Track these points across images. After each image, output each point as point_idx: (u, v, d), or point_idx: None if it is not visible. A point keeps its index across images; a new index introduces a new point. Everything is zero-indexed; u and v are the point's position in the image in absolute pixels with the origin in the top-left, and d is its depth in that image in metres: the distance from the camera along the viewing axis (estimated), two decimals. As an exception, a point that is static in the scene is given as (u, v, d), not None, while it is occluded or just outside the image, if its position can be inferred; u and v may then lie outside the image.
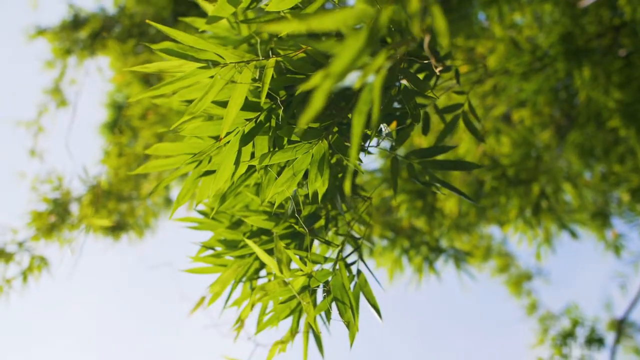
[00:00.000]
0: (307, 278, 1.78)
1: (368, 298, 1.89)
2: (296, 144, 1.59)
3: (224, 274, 2.03)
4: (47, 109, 6.86)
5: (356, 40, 0.78)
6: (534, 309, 8.33)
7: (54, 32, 6.98)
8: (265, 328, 1.92)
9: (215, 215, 2.09)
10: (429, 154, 1.88)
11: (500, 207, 5.72)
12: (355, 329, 1.83)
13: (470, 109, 2.18)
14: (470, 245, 7.53)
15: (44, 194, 5.66)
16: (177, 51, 1.49)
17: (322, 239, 1.93)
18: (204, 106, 1.54)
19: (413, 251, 5.72)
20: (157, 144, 1.77)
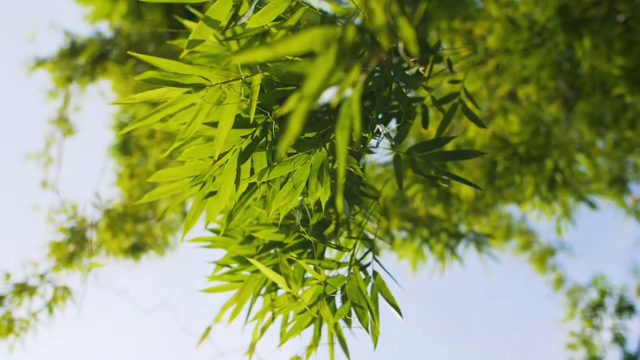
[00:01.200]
0: (322, 286, 1.78)
1: (387, 298, 1.88)
2: (294, 156, 1.59)
3: (241, 290, 2.04)
4: (55, 139, 6.90)
5: (326, 60, 0.78)
6: (560, 284, 8.30)
7: (53, 61, 7.01)
8: (289, 339, 1.92)
9: (227, 231, 2.10)
10: (431, 147, 1.87)
11: (515, 186, 5.70)
12: (377, 332, 1.83)
13: (467, 96, 2.17)
14: (490, 227, 7.50)
15: (60, 224, 5.69)
16: (161, 79, 1.49)
17: (333, 245, 1.92)
18: (194, 130, 1.54)
19: (433, 239, 5.71)
20: (159, 171, 1.77)
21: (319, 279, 1.78)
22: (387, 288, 1.90)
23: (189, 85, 1.51)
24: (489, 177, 5.78)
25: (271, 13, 1.56)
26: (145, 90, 1.52)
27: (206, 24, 1.56)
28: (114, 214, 5.88)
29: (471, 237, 5.74)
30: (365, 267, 1.91)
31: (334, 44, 0.79)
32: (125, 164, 6.90)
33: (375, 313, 1.84)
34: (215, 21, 1.57)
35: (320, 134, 1.62)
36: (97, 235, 5.78)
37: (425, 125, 2.05)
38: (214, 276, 2.07)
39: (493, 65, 5.86)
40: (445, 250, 5.69)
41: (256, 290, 2.03)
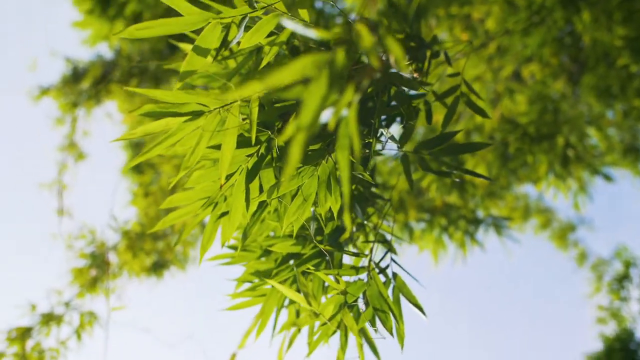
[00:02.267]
0: (342, 295, 1.78)
1: (409, 299, 1.88)
2: (301, 169, 1.59)
3: (265, 304, 2.04)
4: (66, 165, 6.92)
5: (318, 86, 0.78)
6: (584, 259, 8.27)
7: (57, 89, 7.03)
8: (316, 347, 1.92)
9: (245, 246, 2.10)
10: (438, 143, 1.87)
11: (529, 165, 5.69)
12: (402, 333, 1.83)
13: (468, 88, 2.17)
14: (508, 209, 7.49)
15: (80, 250, 5.72)
16: (159, 112, 1.50)
17: (350, 252, 1.92)
18: (198, 157, 1.55)
19: (452, 228, 5.71)
20: (170, 197, 1.78)
21: (339, 288, 1.78)
22: (409, 288, 1.89)
23: (187, 114, 1.51)
24: (502, 159, 5.77)
25: (262, 31, 1.57)
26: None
27: (196, 53, 1.57)
28: (132, 234, 5.90)
29: (490, 222, 5.73)
30: (384, 270, 1.91)
31: (325, 69, 0.80)
32: (139, 183, 6.92)
33: (398, 316, 1.84)
34: (205, 50, 1.58)
35: (324, 144, 1.62)
36: (117, 257, 5.80)
37: (430, 121, 2.04)
38: (236, 294, 2.07)
39: (494, 47, 5.85)
40: (465, 237, 5.69)
41: (279, 303, 2.03)
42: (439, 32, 5.84)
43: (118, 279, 5.69)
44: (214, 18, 1.55)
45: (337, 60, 0.81)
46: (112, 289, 5.53)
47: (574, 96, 6.07)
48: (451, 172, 1.84)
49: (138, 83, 6.93)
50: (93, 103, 7.05)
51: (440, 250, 5.83)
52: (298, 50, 1.81)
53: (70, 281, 5.53)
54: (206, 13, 1.54)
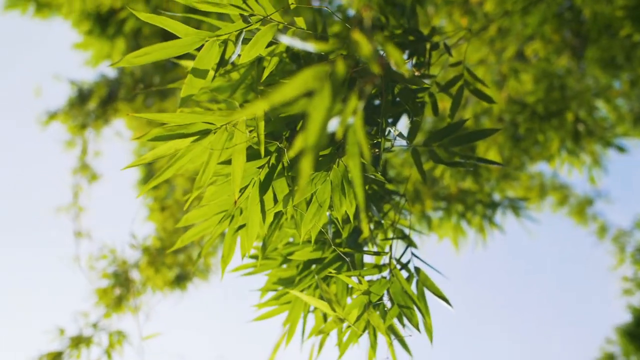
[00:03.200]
0: (366, 295, 1.78)
1: (433, 291, 1.88)
2: (313, 175, 1.60)
3: (291, 311, 2.05)
4: (81, 187, 6.94)
5: (322, 98, 0.79)
6: (604, 232, 8.24)
7: (64, 112, 7.05)
8: (347, 348, 1.93)
9: (266, 254, 2.11)
10: (446, 134, 1.87)
11: (540, 144, 5.67)
12: (429, 327, 1.83)
13: (471, 75, 2.17)
14: (523, 189, 7.46)
15: (102, 270, 5.74)
16: (166, 135, 1.51)
17: (370, 252, 1.93)
18: (209, 176, 1.56)
19: (469, 213, 5.69)
20: (186, 215, 1.79)
21: (361, 289, 1.78)
22: (432, 281, 1.90)
23: (195, 134, 1.52)
24: (513, 140, 5.76)
25: (259, 44, 1.57)
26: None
27: (195, 75, 1.58)
28: (152, 250, 5.92)
29: (507, 204, 5.71)
30: (406, 265, 1.92)
31: (327, 81, 0.80)
32: (154, 198, 6.93)
33: (424, 310, 1.85)
34: (204, 70, 1.58)
35: (334, 149, 1.63)
36: (140, 274, 5.82)
37: (436, 112, 2.05)
38: (261, 303, 2.08)
39: (495, 29, 5.83)
40: (484, 222, 5.67)
41: (305, 308, 2.04)
42: (438, 19, 5.83)
43: (143, 295, 5.72)
44: (211, 36, 1.55)
45: (337, 71, 0.82)
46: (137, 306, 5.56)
47: (579, 70, 6.04)
48: (463, 163, 1.84)
49: (144, 99, 6.95)
50: (101, 123, 7.08)
51: (460, 236, 5.82)
52: (299, 58, 1.82)
53: (95, 302, 5.56)
54: (203, 32, 1.55)
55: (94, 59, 7.08)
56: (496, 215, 5.68)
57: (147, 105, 6.94)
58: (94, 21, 6.61)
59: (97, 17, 6.60)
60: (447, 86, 2.14)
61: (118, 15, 6.60)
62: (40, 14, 6.71)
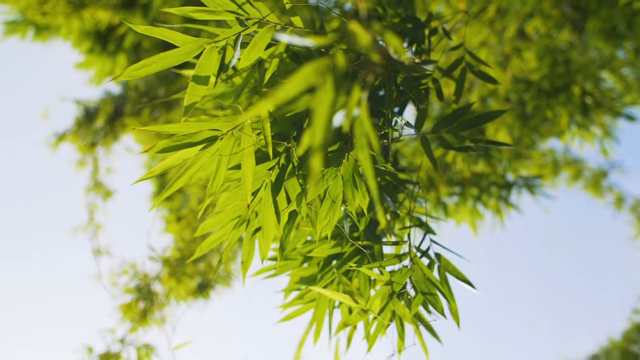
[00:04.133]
0: (389, 286, 1.78)
1: (455, 275, 1.88)
2: (324, 171, 1.60)
3: (316, 308, 2.05)
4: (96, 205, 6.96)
5: (325, 93, 0.79)
6: (621, 202, 8.19)
7: (72, 132, 7.07)
8: (376, 340, 1.93)
9: (286, 255, 2.11)
10: (454, 119, 1.87)
11: (549, 120, 5.66)
12: (455, 312, 1.83)
13: (472, 57, 2.17)
14: (537, 167, 7.44)
15: (124, 285, 5.76)
16: (173, 146, 1.51)
17: (389, 242, 1.93)
18: (219, 182, 1.57)
19: (485, 196, 5.69)
20: (202, 224, 1.80)
21: (383, 280, 1.78)
22: (454, 266, 1.90)
23: (202, 142, 1.52)
24: (522, 119, 5.75)
25: (258, 46, 1.57)
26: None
27: (197, 82, 1.58)
28: (172, 261, 5.94)
29: (521, 183, 5.70)
30: (426, 252, 1.92)
31: (329, 75, 0.80)
32: (169, 209, 6.94)
33: (449, 295, 1.85)
34: (204, 77, 1.58)
35: (342, 143, 1.63)
36: (162, 286, 5.84)
37: (441, 98, 2.05)
38: (286, 304, 2.08)
39: (494, 10, 5.81)
40: (500, 203, 5.67)
41: (330, 305, 2.04)
42: (436, 5, 5.82)
43: (167, 307, 5.73)
44: (209, 43, 1.56)
45: (338, 64, 0.82)
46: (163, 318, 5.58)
47: (581, 43, 6.02)
48: (474, 146, 1.84)
49: (150, 112, 6.97)
50: (111, 139, 7.09)
51: (477, 220, 5.82)
52: (299, 57, 1.82)
53: (121, 318, 5.58)
54: (200, 40, 1.55)
55: (97, 77, 7.10)
56: (511, 196, 5.67)
57: (154, 118, 6.96)
58: (94, 39, 6.63)
59: (97, 35, 6.62)
60: (450, 70, 2.14)
61: (117, 31, 6.61)
62: (39, 37, 6.73)
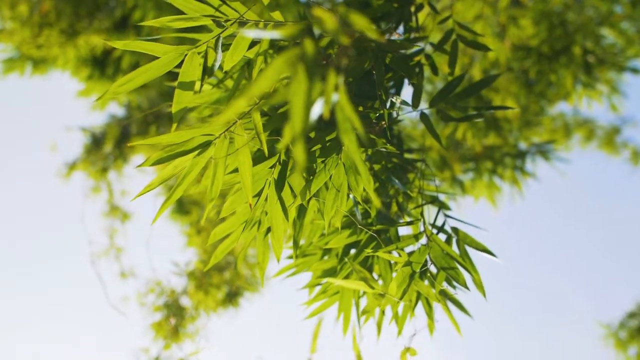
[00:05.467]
0: (408, 267, 1.77)
1: (475, 246, 1.87)
2: (324, 160, 1.59)
3: (341, 300, 2.04)
4: (115, 229, 7.00)
5: (299, 83, 0.78)
6: (637, 157, 8.13)
7: (82, 160, 7.10)
8: (404, 322, 1.92)
9: (304, 250, 2.11)
10: (450, 91, 1.86)
11: (554, 84, 5.63)
12: (479, 283, 1.82)
13: (462, 28, 2.16)
14: (548, 133, 7.40)
15: (153, 304, 5.78)
16: (167, 157, 1.51)
17: (403, 223, 1.92)
18: (218, 187, 1.56)
19: (499, 168, 5.67)
20: (214, 230, 1.79)
21: (401, 262, 1.77)
22: (472, 238, 1.89)
23: (195, 148, 1.52)
24: (526, 87, 5.72)
25: (241, 46, 1.57)
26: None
27: (182, 89, 1.57)
28: (197, 274, 5.95)
29: (534, 150, 5.69)
30: (442, 228, 1.91)
31: (300, 64, 0.79)
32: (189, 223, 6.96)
33: (470, 267, 1.84)
34: (189, 83, 1.58)
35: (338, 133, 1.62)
36: (190, 300, 5.86)
37: (436, 72, 2.04)
38: (310, 300, 2.08)
39: (484, -19, 5.78)
40: (515, 173, 5.65)
41: (356, 294, 2.03)
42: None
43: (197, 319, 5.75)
44: (189, 49, 1.55)
45: (307, 51, 0.81)
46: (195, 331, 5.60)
47: (577, 3, 5.98)
48: (475, 115, 1.83)
49: (157, 129, 6.98)
50: (121, 162, 7.12)
51: (495, 193, 5.80)
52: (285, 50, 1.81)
53: (153, 336, 5.60)
54: (181, 47, 1.54)
55: (99, 102, 7.12)
56: (526, 164, 5.66)
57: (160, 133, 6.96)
58: (91, 65, 6.64)
59: (94, 61, 6.63)
60: (441, 44, 2.13)
61: (113, 54, 6.62)
62: (38, 70, 6.74)
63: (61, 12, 6.02)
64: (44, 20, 5.99)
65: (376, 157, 1.92)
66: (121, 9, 6.20)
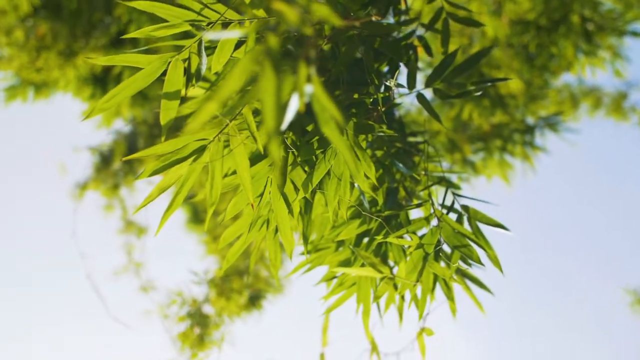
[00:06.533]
0: (421, 249, 1.76)
1: (486, 222, 1.86)
2: (324, 150, 1.58)
3: (359, 290, 2.04)
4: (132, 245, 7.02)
5: (267, 79, 0.77)
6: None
7: (93, 179, 7.13)
8: (425, 306, 1.91)
9: (317, 245, 2.10)
10: (444, 69, 1.85)
11: (556, 56, 5.61)
12: (494, 258, 1.81)
13: (451, 5, 2.15)
14: (555, 105, 7.36)
15: (176, 315, 5.79)
16: (163, 166, 1.50)
17: (412, 206, 1.91)
18: (217, 191, 1.55)
19: (509, 145, 5.66)
20: (224, 234, 1.79)
21: (414, 244, 1.76)
22: (483, 214, 1.88)
23: (190, 155, 1.51)
24: (528, 61, 5.70)
25: (226, 48, 1.55)
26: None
27: (167, 99, 1.55)
28: (217, 280, 5.96)
29: (542, 124, 5.67)
30: (452, 207, 1.90)
31: (266, 60, 0.78)
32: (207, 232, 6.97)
33: (484, 243, 1.82)
34: (175, 92, 1.56)
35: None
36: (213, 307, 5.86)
37: (430, 53, 2.03)
38: (327, 295, 2.07)
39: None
40: (526, 149, 5.63)
41: (373, 283, 2.02)
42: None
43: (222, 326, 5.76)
44: (172, 56, 1.54)
45: (271, 46, 0.80)
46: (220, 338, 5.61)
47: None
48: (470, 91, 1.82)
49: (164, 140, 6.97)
50: (131, 178, 7.14)
51: (507, 170, 5.78)
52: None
53: (180, 347, 5.61)
54: (164, 55, 1.53)
55: (105, 120, 7.12)
56: (536, 139, 5.64)
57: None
58: (93, 84, 6.64)
59: (94, 80, 6.63)
60: (432, 23, 2.11)
61: (113, 71, 6.63)
62: (40, 95, 6.74)
63: (57, 34, 6.03)
64: (41, 44, 6.00)
65: (378, 143, 1.91)
66: (116, 25, 6.21)
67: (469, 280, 1.95)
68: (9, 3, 5.68)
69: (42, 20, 5.92)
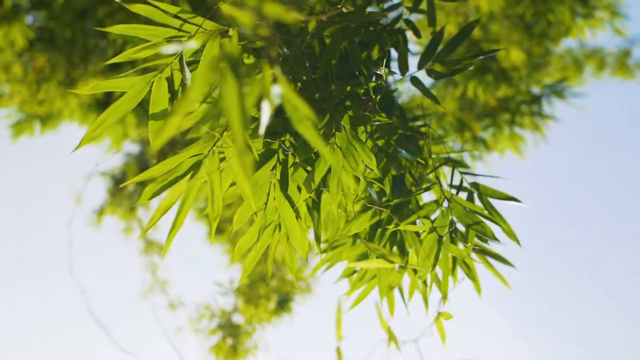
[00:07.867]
0: (434, 233, 1.75)
1: (497, 196, 1.85)
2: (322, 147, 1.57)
3: (379, 282, 2.03)
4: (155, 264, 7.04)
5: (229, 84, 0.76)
6: (657, 75, 8.00)
7: (108, 204, 7.16)
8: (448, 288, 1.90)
9: (333, 242, 2.10)
10: (434, 48, 1.84)
11: (553, 23, 5.58)
12: (510, 231, 1.80)
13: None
14: (559, 71, 7.32)
15: (207, 328, 5.80)
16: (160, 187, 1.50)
17: (421, 190, 1.90)
18: (219, 204, 1.54)
19: (518, 117, 5.63)
20: (238, 243, 1.78)
21: (426, 229, 1.75)
22: (493, 189, 1.87)
23: (187, 172, 1.50)
24: (527, 31, 5.67)
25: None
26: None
27: (155, 119, 1.54)
28: (244, 289, 5.96)
29: (548, 92, 5.64)
30: (460, 185, 1.89)
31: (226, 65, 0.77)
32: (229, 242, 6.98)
33: (498, 218, 1.81)
34: (161, 112, 1.54)
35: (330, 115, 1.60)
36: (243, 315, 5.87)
37: (418, 35, 2.02)
38: (349, 291, 2.06)
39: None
40: (535, 119, 5.60)
41: (392, 273, 2.01)
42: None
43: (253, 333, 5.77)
44: (154, 75, 1.53)
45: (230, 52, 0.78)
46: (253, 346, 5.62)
47: None
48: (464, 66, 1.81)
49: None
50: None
51: (519, 143, 5.75)
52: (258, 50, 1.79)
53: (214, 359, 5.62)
54: (146, 76, 1.52)
55: (113, 144, 7.14)
56: (543, 108, 5.61)
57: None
58: (96, 110, 6.65)
59: (97, 105, 6.64)
60: (416, 4, 2.09)
61: (114, 95, 6.64)
62: (46, 127, 6.76)
63: (55, 64, 6.04)
64: (40, 76, 6.01)
65: (379, 132, 1.90)
66: (112, 48, 6.21)
67: (489, 256, 1.94)
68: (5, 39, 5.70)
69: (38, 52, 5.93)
